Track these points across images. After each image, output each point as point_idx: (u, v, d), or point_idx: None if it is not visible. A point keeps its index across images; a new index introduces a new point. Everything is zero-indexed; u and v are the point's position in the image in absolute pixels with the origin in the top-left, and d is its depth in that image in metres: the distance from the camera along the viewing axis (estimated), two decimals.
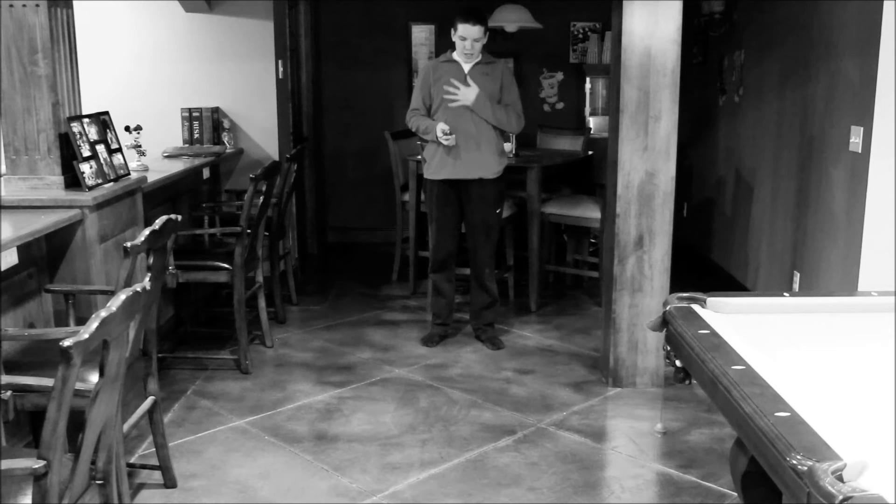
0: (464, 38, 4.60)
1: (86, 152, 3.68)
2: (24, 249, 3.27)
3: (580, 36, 7.60)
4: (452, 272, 4.93)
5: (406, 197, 6.19)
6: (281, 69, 5.99)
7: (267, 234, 5.05)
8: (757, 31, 5.64)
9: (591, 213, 5.57)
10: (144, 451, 3.55)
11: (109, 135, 3.97)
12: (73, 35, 3.74)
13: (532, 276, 5.58)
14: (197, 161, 5.16)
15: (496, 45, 7.51)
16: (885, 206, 3.75)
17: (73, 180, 3.64)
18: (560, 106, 7.72)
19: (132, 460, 3.44)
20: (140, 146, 4.64)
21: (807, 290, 4.45)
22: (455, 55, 4.67)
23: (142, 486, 3.29)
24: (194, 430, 3.79)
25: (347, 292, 6.08)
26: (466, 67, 4.64)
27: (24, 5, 3.51)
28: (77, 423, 2.03)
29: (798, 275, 4.66)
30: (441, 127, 4.54)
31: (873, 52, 3.72)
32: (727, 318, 2.49)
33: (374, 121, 7.48)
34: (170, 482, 3.27)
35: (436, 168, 4.69)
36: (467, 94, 4.56)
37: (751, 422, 1.80)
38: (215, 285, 4.77)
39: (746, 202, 5.73)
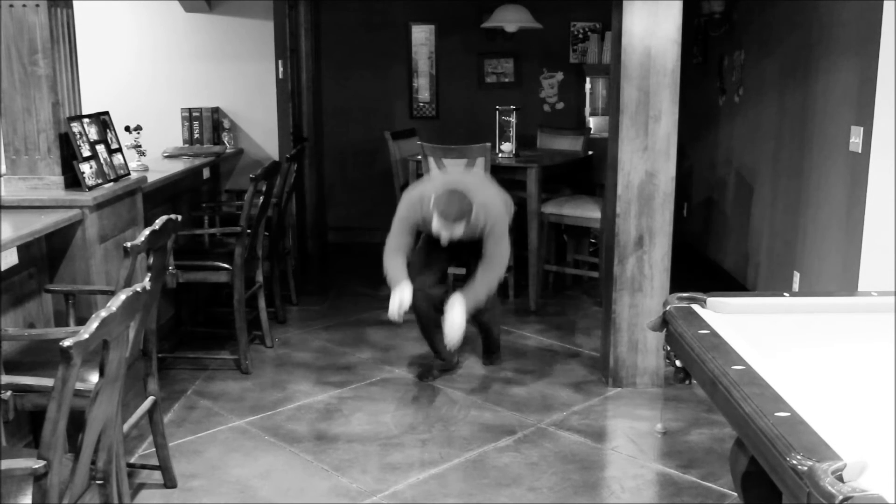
0: (438, 230, 3.96)
1: (86, 152, 3.68)
2: (24, 249, 3.27)
3: (580, 36, 7.60)
4: (433, 299, 4.31)
5: None
6: (281, 69, 5.99)
7: (267, 234, 5.05)
8: (757, 31, 5.64)
9: (591, 213, 5.57)
10: (144, 451, 3.54)
11: (109, 135, 3.97)
12: (73, 35, 3.74)
13: (532, 276, 5.58)
14: (197, 161, 5.16)
15: (496, 44, 7.56)
16: (885, 206, 3.75)
17: (73, 180, 3.64)
18: (560, 106, 7.72)
19: (132, 460, 3.44)
20: (140, 146, 4.64)
21: (807, 290, 4.45)
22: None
23: (142, 486, 3.29)
24: (194, 430, 3.79)
25: (347, 292, 6.08)
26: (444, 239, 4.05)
27: (24, 5, 3.50)
28: (77, 423, 2.03)
29: (798, 275, 4.66)
30: (394, 305, 4.01)
31: (873, 52, 3.72)
32: (727, 318, 2.49)
33: (374, 121, 7.48)
34: (170, 482, 3.27)
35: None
36: (454, 335, 4.00)
37: (751, 422, 1.80)
38: (215, 285, 4.77)
39: (746, 202, 5.73)
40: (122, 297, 2.05)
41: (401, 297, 4.03)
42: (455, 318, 3.98)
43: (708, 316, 2.50)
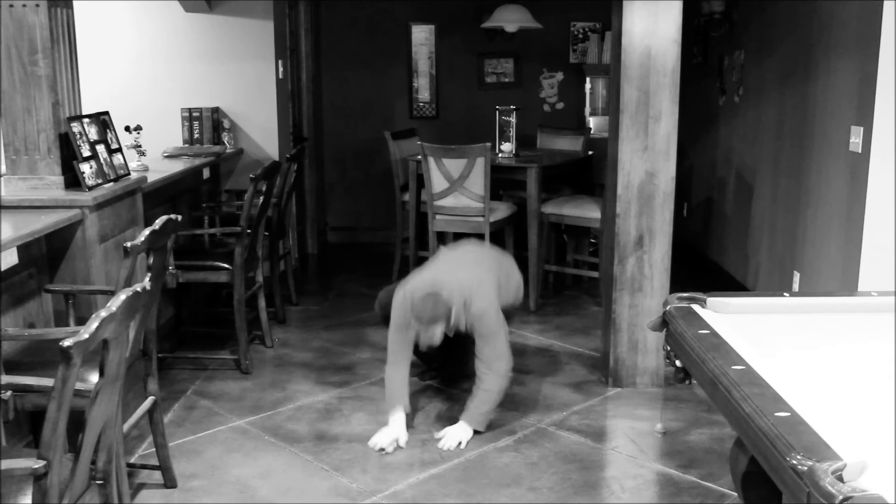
0: (418, 332, 3.68)
1: (86, 152, 3.68)
2: (24, 249, 3.27)
3: (580, 36, 7.60)
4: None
5: (406, 197, 6.19)
6: (281, 69, 5.99)
7: (267, 234, 5.05)
8: (757, 31, 5.64)
9: (591, 213, 5.57)
10: (144, 451, 3.54)
11: (109, 135, 3.97)
12: (73, 35, 3.74)
13: (532, 276, 5.58)
14: (197, 161, 5.16)
15: (496, 44, 7.57)
16: (885, 206, 3.75)
17: (73, 180, 3.64)
18: (560, 106, 7.72)
19: (132, 460, 3.44)
20: (140, 146, 4.65)
21: (807, 290, 4.45)
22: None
23: (142, 486, 3.29)
24: (194, 430, 3.79)
25: (347, 292, 6.08)
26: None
27: (24, 5, 3.51)
28: (77, 423, 2.03)
29: (798, 275, 4.65)
30: (385, 437, 3.61)
31: (873, 52, 3.72)
32: (727, 318, 2.49)
33: (374, 121, 7.48)
34: (170, 482, 3.27)
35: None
36: (451, 446, 3.63)
37: (751, 422, 1.80)
38: (215, 285, 4.77)
39: (746, 202, 5.73)
40: (122, 297, 2.05)
41: (394, 432, 3.62)
42: (452, 439, 3.63)
43: (708, 316, 2.50)
